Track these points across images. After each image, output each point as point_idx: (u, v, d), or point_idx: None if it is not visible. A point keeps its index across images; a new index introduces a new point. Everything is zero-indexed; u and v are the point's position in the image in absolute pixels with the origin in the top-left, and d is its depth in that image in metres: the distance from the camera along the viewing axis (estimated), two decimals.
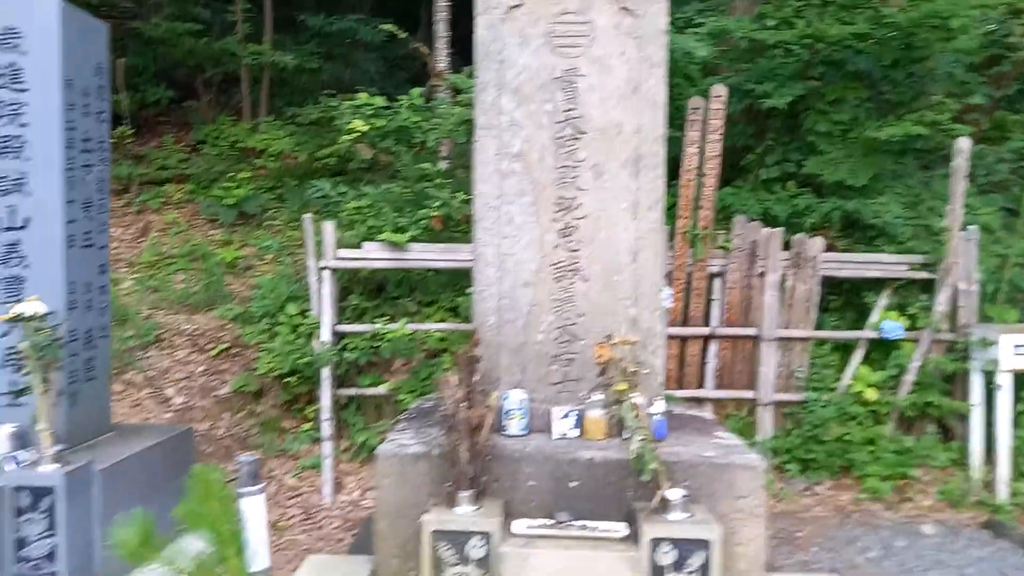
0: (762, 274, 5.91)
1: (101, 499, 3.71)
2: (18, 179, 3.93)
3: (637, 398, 3.36)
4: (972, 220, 5.92)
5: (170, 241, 8.06)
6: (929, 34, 5.88)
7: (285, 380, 5.65)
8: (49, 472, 3.47)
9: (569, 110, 3.78)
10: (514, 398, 3.65)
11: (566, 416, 3.67)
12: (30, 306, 3.60)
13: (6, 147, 3.93)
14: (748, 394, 5.96)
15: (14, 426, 3.72)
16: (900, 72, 6.08)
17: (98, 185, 4.30)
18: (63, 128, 3.96)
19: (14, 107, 3.93)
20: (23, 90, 3.93)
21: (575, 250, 3.79)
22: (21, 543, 3.40)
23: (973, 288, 5.84)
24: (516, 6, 3.75)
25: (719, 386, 6.04)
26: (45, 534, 3.41)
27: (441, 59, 7.81)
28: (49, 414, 3.61)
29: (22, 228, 3.93)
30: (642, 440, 3.25)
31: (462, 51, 9.01)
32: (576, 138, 3.78)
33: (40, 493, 3.40)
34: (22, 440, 3.72)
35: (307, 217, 5.82)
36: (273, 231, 8.57)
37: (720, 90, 5.71)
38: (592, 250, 3.79)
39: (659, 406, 3.65)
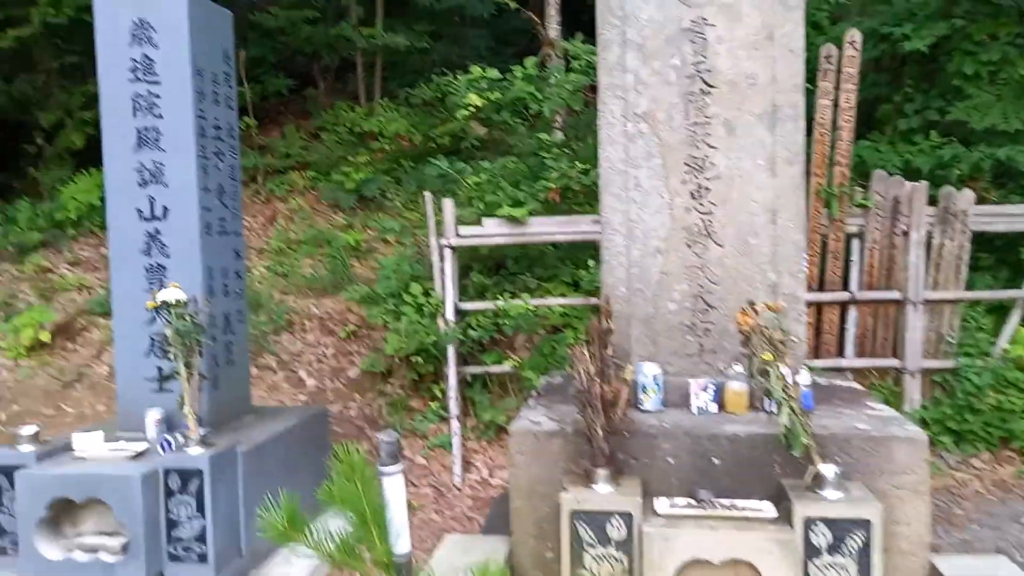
0: (905, 232, 5.46)
1: (244, 480, 3.76)
2: (156, 170, 4.00)
3: (783, 368, 3.11)
4: None
5: (296, 227, 8.22)
6: None
7: (412, 359, 5.63)
8: (196, 455, 3.53)
9: (698, 63, 3.52)
10: (648, 371, 3.46)
11: (705, 389, 3.45)
12: (171, 293, 3.67)
13: (144, 139, 4.01)
14: (893, 362, 5.54)
15: (161, 411, 3.81)
16: None
17: (230, 172, 4.35)
18: (195, 117, 4.01)
19: (149, 99, 4.00)
20: (156, 82, 3.99)
21: (708, 213, 3.55)
22: (172, 524, 3.48)
23: None
24: None
25: (860, 354, 5.65)
26: (194, 515, 3.48)
27: (552, 28, 7.61)
28: (194, 398, 3.67)
29: (162, 218, 4.00)
30: (791, 412, 3.01)
31: (572, 18, 8.79)
32: (706, 93, 3.52)
33: (188, 475, 3.47)
34: (169, 424, 3.82)
35: (428, 195, 5.76)
36: (392, 213, 8.63)
37: (854, 35, 5.28)
38: (726, 212, 3.54)
39: (805, 376, 3.38)
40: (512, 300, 5.61)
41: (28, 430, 3.67)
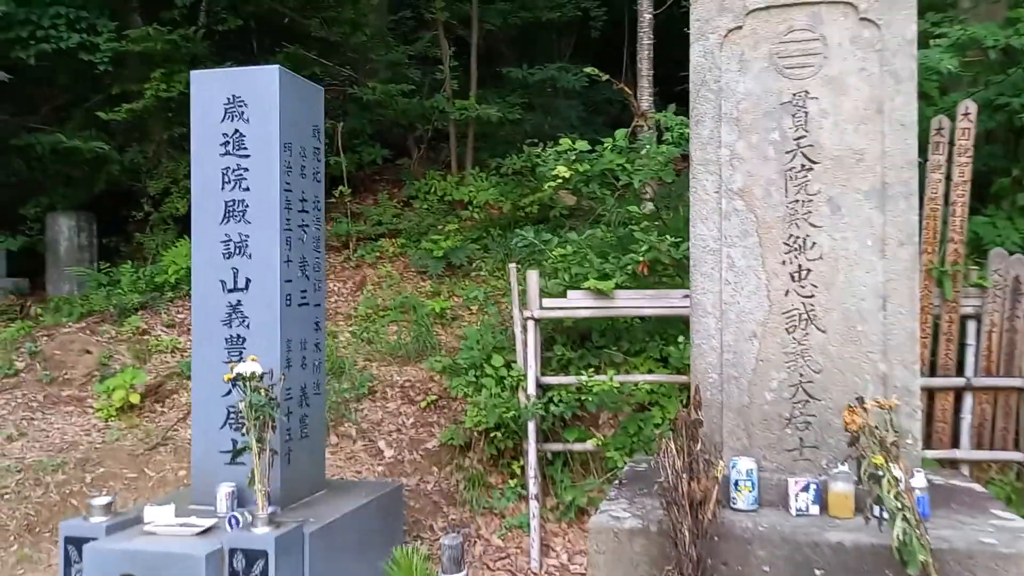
0: None
1: (311, 560, 3.59)
2: (241, 242, 3.99)
3: (896, 471, 2.77)
4: None
5: (383, 294, 8.22)
6: None
7: (491, 434, 5.43)
8: (262, 535, 3.40)
9: (799, 138, 3.29)
10: (742, 467, 3.16)
11: (805, 488, 3.12)
12: (248, 366, 3.59)
13: (231, 211, 4.01)
14: (1015, 455, 5.01)
15: (233, 485, 3.71)
16: None
17: (314, 244, 4.31)
18: (282, 191, 3.99)
19: (238, 172, 4.01)
20: (246, 155, 4.01)
21: (809, 296, 3.27)
22: None
23: None
24: (735, 28, 3.34)
25: (978, 445, 5.14)
26: None
27: (644, 99, 7.48)
28: (265, 474, 3.56)
29: (244, 289, 3.97)
30: (906, 524, 2.66)
31: (666, 90, 8.66)
32: (808, 169, 3.28)
33: (254, 556, 3.33)
34: (241, 499, 3.71)
35: (512, 266, 5.62)
36: (479, 281, 8.55)
37: (969, 106, 4.93)
38: (830, 295, 3.24)
39: (920, 479, 3.02)
40: (596, 375, 5.36)
41: (101, 501, 3.62)
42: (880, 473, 2.66)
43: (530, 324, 5.52)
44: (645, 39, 7.33)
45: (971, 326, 5.13)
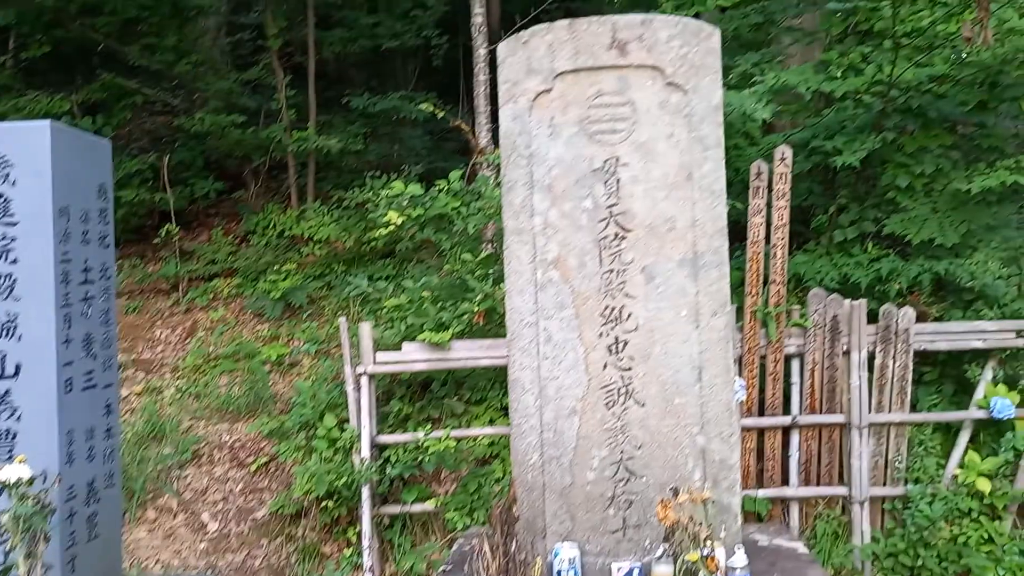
0: (847, 352, 5.12)
1: None
2: (9, 322, 3.47)
3: (714, 552, 2.66)
4: None
5: (216, 340, 7.66)
6: (1019, 70, 5.10)
7: (323, 503, 5.07)
8: None
9: (611, 206, 3.15)
10: (564, 555, 2.97)
11: (628, 574, 2.98)
12: (13, 471, 3.10)
13: None
14: (840, 490, 5.13)
15: None
16: (989, 115, 5.29)
17: (102, 317, 3.82)
18: (58, 262, 3.49)
19: (5, 243, 3.50)
20: (13, 223, 3.49)
21: (627, 369, 3.14)
22: None
23: None
24: (544, 91, 3.17)
25: (805, 482, 5.23)
26: None
27: (482, 135, 7.31)
28: None
29: (13, 376, 3.46)
30: None
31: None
32: (621, 237, 3.15)
33: None
34: None
35: (342, 321, 5.29)
36: (321, 321, 8.14)
37: (786, 152, 5.02)
38: (648, 368, 3.12)
39: (740, 557, 2.93)
40: (435, 431, 5.10)
41: None
42: (695, 569, 2.54)
43: (364, 380, 5.21)
44: (481, 75, 7.16)
45: (795, 365, 5.22)
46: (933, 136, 5.44)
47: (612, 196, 3.15)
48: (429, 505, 5.10)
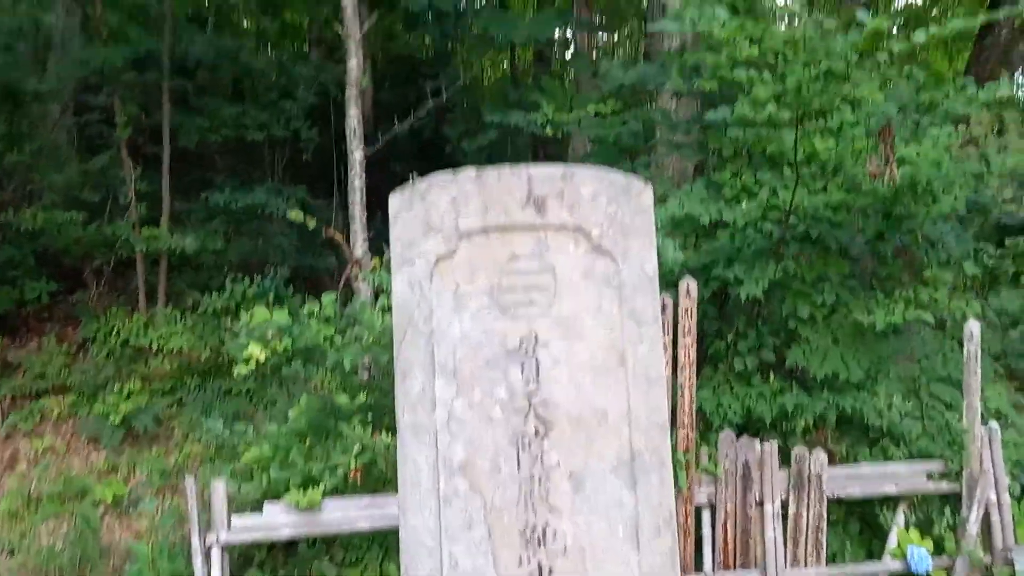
0: (760, 503, 4.68)
1: None
2: None
3: None
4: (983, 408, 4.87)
5: (41, 475, 6.46)
6: (913, 200, 4.96)
7: None
8: None
9: (530, 394, 2.54)
10: None
11: None
12: None
13: None
14: None
15: None
16: (886, 245, 5.12)
17: None
18: None
19: None
20: None
21: None
22: None
23: (1006, 499, 4.73)
24: (447, 255, 2.55)
25: None
26: None
27: (359, 244, 6.60)
28: None
29: None
30: None
31: (384, 227, 7.90)
32: (543, 434, 2.53)
33: None
34: None
35: (189, 482, 4.38)
36: (169, 446, 7.07)
37: (691, 285, 4.61)
38: None
39: None
40: None
41: None
42: None
43: (216, 553, 4.30)
44: (356, 180, 6.50)
45: (706, 516, 4.73)
46: (832, 265, 5.20)
47: (531, 382, 2.53)
48: None
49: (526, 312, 2.54)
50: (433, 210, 2.54)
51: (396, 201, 2.55)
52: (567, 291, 2.55)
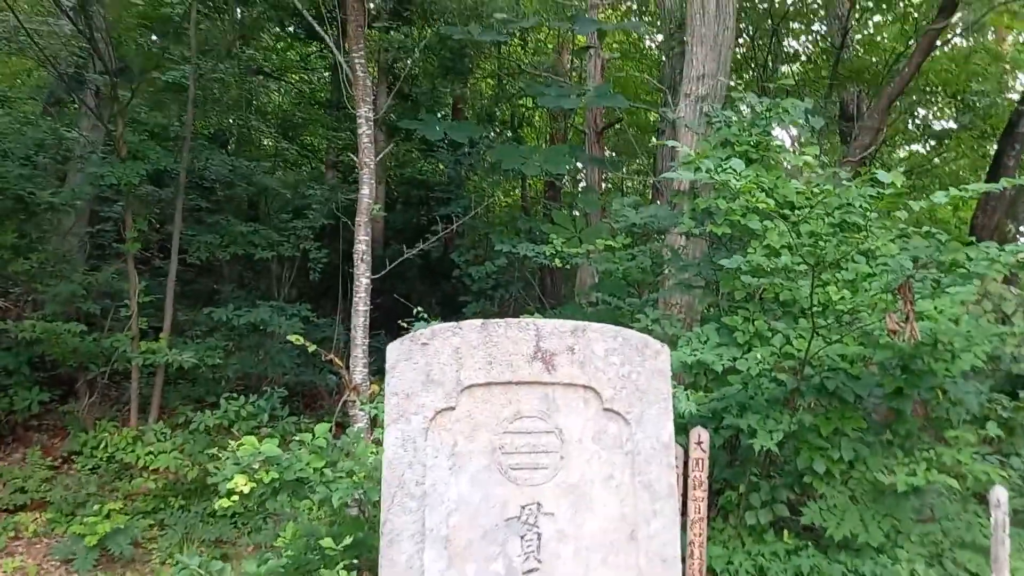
0: None
1: None
2: None
3: None
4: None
5: None
6: (932, 357, 4.77)
7: None
8: None
9: (529, 571, 2.28)
10: None
11: None
12: None
13: None
14: None
15: None
16: (905, 401, 4.88)
17: None
18: None
19: None
20: None
21: None
22: None
23: None
24: (446, 410, 2.35)
25: None
26: None
27: (358, 370, 6.40)
28: None
29: None
30: None
31: (383, 351, 7.71)
32: None
33: None
34: None
35: None
36: (144, 572, 6.65)
37: (702, 435, 4.37)
38: None
39: None
40: None
41: None
42: None
43: None
44: (361, 305, 6.37)
45: None
46: (848, 418, 4.95)
47: (530, 558, 2.28)
48: None
49: (530, 477, 2.32)
50: (434, 361, 2.36)
51: (395, 352, 2.38)
52: (575, 455, 2.33)
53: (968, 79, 11.28)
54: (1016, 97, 10.79)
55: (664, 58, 11.70)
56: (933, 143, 13.69)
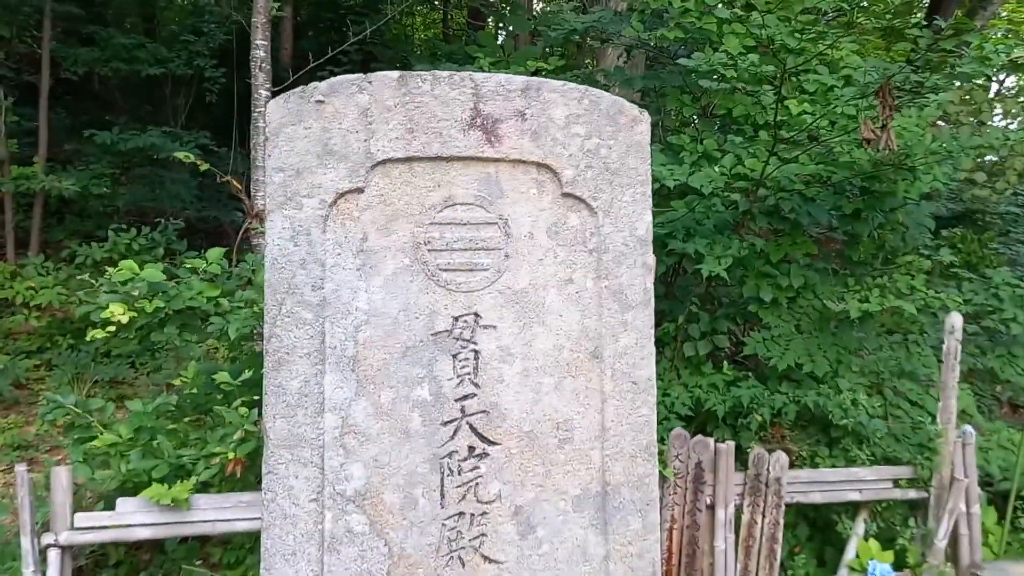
0: (711, 507, 4.02)
1: None
2: None
3: None
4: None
5: None
6: (893, 177, 4.35)
7: None
8: None
9: (465, 398, 1.74)
10: None
11: None
12: None
13: None
14: None
15: None
16: (862, 225, 4.48)
17: None
18: None
19: None
20: None
21: None
22: None
23: (976, 511, 4.21)
24: (352, 192, 1.71)
25: None
26: None
27: (260, 195, 5.62)
28: None
29: None
30: None
31: None
32: (480, 455, 1.74)
33: None
34: None
35: (20, 470, 3.43)
36: (30, 416, 6.02)
37: (650, 259, 3.88)
38: None
39: None
40: None
41: None
42: None
43: (53, 555, 3.37)
44: (260, 120, 5.50)
45: None
46: (799, 244, 4.55)
47: (466, 382, 1.73)
48: None
49: (465, 281, 1.73)
50: (335, 127, 1.69)
51: (278, 112, 1.69)
52: (524, 254, 1.75)
53: None
54: None
55: None
56: None
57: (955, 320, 4.14)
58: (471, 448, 1.71)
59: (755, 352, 4.54)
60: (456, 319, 1.72)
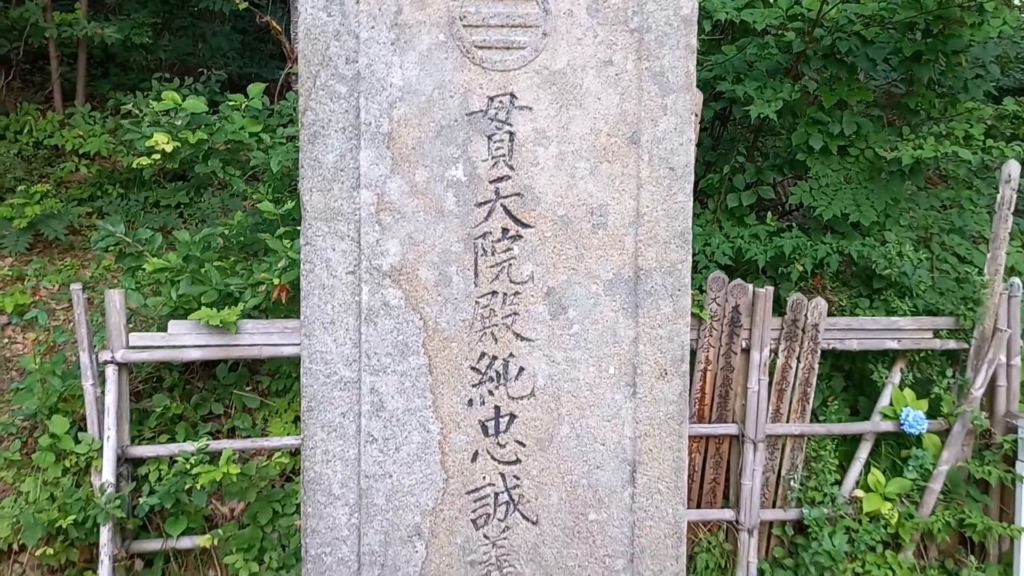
0: (746, 350, 4.06)
1: None
2: None
3: None
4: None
5: None
6: (962, 15, 4.10)
7: (39, 549, 3.46)
8: None
9: (499, 180, 1.74)
10: None
11: None
12: None
13: None
14: (726, 513, 4.12)
15: None
16: (923, 69, 4.26)
17: None
18: None
19: None
20: None
21: (513, 462, 1.79)
22: None
23: (1016, 363, 4.18)
24: None
25: (688, 501, 4.19)
26: None
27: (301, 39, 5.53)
28: None
29: None
30: None
31: None
32: (513, 236, 1.75)
33: None
34: None
35: (76, 289, 3.59)
36: (84, 260, 6.23)
37: (696, 97, 3.76)
38: (547, 461, 1.79)
39: None
40: (217, 440, 3.60)
41: None
42: None
43: (110, 372, 3.57)
44: None
45: None
46: (855, 90, 4.37)
47: (501, 163, 1.73)
48: (202, 541, 3.60)
49: (500, 60, 1.70)
50: None
51: None
52: (563, 32, 1.70)
53: None
54: None
55: None
56: None
57: (1012, 168, 3.99)
58: (504, 230, 1.73)
59: (800, 202, 4.45)
60: (491, 99, 1.70)
